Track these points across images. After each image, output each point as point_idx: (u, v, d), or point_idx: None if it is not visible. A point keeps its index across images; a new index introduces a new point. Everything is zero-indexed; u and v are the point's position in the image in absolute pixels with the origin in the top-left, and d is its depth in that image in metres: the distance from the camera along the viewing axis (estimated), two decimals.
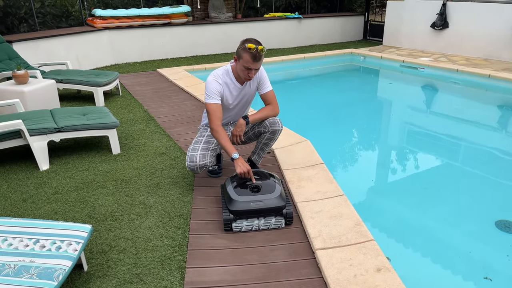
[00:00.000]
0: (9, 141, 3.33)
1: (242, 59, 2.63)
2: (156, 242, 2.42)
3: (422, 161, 3.88)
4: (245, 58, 2.60)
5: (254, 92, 2.98)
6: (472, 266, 2.41)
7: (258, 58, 2.60)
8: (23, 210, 2.79)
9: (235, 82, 2.83)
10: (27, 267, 1.78)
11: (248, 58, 2.59)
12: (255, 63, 2.61)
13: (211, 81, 2.75)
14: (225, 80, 2.82)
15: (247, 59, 2.60)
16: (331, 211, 2.64)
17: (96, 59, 7.68)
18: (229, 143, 2.68)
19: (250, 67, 2.62)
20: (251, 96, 2.99)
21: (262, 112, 2.90)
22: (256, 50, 2.57)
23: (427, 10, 8.98)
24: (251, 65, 2.61)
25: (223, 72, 2.82)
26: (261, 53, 2.60)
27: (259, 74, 2.90)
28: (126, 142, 4.00)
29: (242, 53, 2.62)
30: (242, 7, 10.02)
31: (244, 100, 2.98)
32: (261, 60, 2.63)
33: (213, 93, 2.74)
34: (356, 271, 2.08)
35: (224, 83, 2.81)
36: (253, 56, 2.58)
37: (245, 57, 2.60)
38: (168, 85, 6.32)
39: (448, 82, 6.84)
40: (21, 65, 5.33)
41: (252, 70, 2.65)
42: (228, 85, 2.83)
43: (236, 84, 2.84)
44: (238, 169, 2.61)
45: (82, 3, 8.17)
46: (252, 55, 2.58)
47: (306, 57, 8.60)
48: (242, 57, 2.62)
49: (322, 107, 5.55)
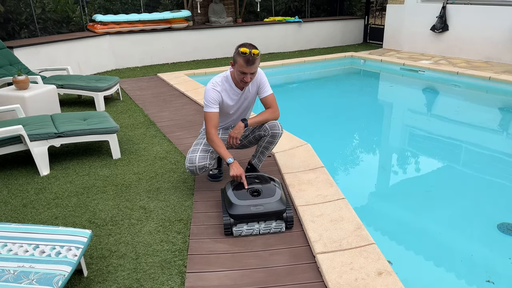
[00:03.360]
0: (9, 146, 3.33)
1: (237, 63, 2.64)
2: (156, 247, 2.41)
3: (423, 164, 3.87)
4: (240, 63, 2.61)
5: (254, 96, 2.98)
6: (474, 270, 2.40)
7: (252, 62, 2.60)
8: (23, 215, 2.78)
9: (234, 87, 2.84)
10: (26, 273, 1.77)
11: (242, 62, 2.60)
12: (249, 67, 2.61)
13: (209, 90, 2.78)
14: (224, 86, 2.83)
15: (241, 63, 2.61)
16: (331, 214, 2.63)
17: (96, 64, 7.70)
18: (224, 149, 2.71)
19: (245, 71, 2.63)
20: (251, 100, 2.99)
21: (261, 115, 2.89)
22: (250, 54, 2.57)
23: (427, 13, 8.99)
24: (245, 69, 2.62)
25: (222, 78, 2.83)
26: (255, 57, 2.60)
27: (258, 78, 2.90)
28: (127, 146, 4.00)
29: (236, 58, 2.64)
30: (242, 12, 10.05)
31: (244, 105, 2.98)
32: (255, 63, 2.63)
33: (210, 102, 2.76)
34: (357, 275, 2.07)
35: (223, 90, 2.82)
36: (246, 60, 2.58)
37: (239, 61, 2.61)
38: (168, 89, 6.33)
39: (448, 85, 6.84)
40: (22, 70, 5.34)
41: (247, 74, 2.65)
42: (228, 91, 2.84)
43: (236, 89, 2.85)
44: (232, 171, 2.63)
45: (83, 8, 8.21)
46: (246, 59, 2.58)
47: (306, 61, 8.61)
48: (237, 61, 2.64)
49: (323, 110, 5.54)
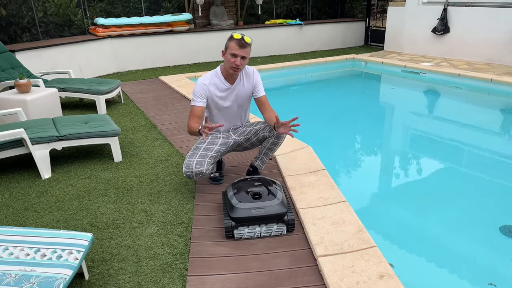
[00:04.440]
0: (11, 150, 3.34)
1: (228, 48, 2.75)
2: (158, 250, 2.41)
3: (425, 166, 3.86)
4: (231, 46, 2.73)
5: (248, 93, 3.01)
6: (476, 272, 2.39)
7: (244, 45, 2.72)
8: (24, 218, 2.79)
9: (224, 81, 2.92)
10: (28, 276, 1.78)
11: (233, 45, 2.72)
12: (241, 49, 2.71)
13: (197, 84, 2.90)
14: (213, 81, 2.92)
15: (233, 46, 2.72)
16: (333, 217, 2.62)
17: (98, 67, 7.72)
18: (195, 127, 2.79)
19: (236, 53, 2.72)
20: (246, 97, 3.01)
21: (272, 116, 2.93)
22: (242, 38, 2.72)
23: (428, 15, 8.99)
24: (236, 51, 2.71)
25: (211, 73, 2.94)
26: (247, 42, 2.72)
27: (254, 77, 2.97)
28: (128, 149, 4.00)
29: (228, 43, 2.77)
30: (244, 14, 10.07)
31: (239, 102, 3.00)
32: (246, 48, 2.73)
33: (196, 95, 2.89)
34: (358, 278, 2.06)
35: (211, 83, 2.91)
36: (238, 42, 2.71)
37: (231, 45, 2.74)
38: (169, 92, 6.34)
39: (450, 87, 6.83)
40: (24, 74, 5.36)
41: (238, 58, 2.73)
42: (217, 84, 2.92)
43: (225, 83, 2.92)
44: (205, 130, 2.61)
45: (85, 12, 8.24)
46: (238, 41, 2.72)
47: (307, 63, 8.61)
48: (228, 46, 2.76)
49: (324, 113, 5.54)
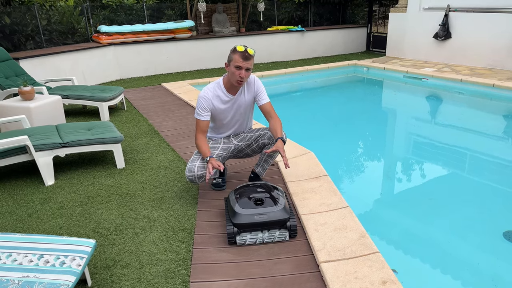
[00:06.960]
0: (15, 156, 3.36)
1: (232, 60, 2.76)
2: (160, 256, 2.41)
3: (427, 171, 3.86)
4: (235, 58, 2.74)
5: (250, 103, 3.02)
6: (480, 278, 2.38)
7: (248, 58, 2.73)
8: (28, 225, 2.80)
9: (226, 93, 2.92)
10: (31, 283, 1.78)
11: (237, 57, 2.73)
12: (245, 61, 2.73)
13: (200, 98, 2.90)
14: (216, 93, 2.92)
15: (237, 59, 2.73)
16: (335, 223, 2.62)
17: (101, 74, 7.77)
18: (205, 148, 2.84)
19: (240, 66, 2.73)
20: (248, 107, 3.02)
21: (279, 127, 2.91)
22: (245, 50, 2.73)
23: (429, 21, 9.02)
24: (241, 63, 2.72)
25: (214, 85, 2.93)
26: (250, 54, 2.73)
27: (255, 85, 2.97)
28: (131, 156, 4.02)
29: (232, 55, 2.77)
30: (246, 21, 10.13)
31: (240, 111, 3.01)
32: (250, 60, 2.75)
33: (200, 109, 2.90)
34: (361, 284, 2.06)
35: (214, 96, 2.91)
36: (242, 54, 2.72)
37: (235, 57, 2.74)
38: (172, 99, 6.37)
39: (452, 92, 6.84)
40: (28, 81, 5.40)
41: (243, 70, 2.74)
42: (220, 97, 2.92)
43: (228, 95, 2.92)
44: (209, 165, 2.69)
45: (88, 20, 8.31)
46: (242, 53, 2.73)
47: (309, 69, 8.64)
48: (232, 58, 2.76)
49: (326, 118, 5.55)
